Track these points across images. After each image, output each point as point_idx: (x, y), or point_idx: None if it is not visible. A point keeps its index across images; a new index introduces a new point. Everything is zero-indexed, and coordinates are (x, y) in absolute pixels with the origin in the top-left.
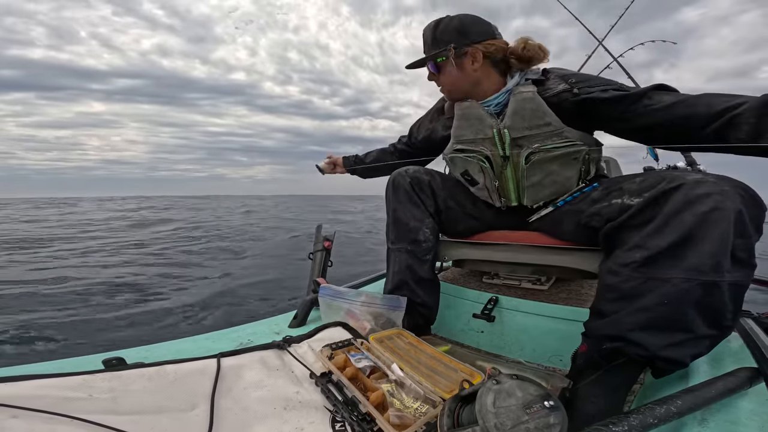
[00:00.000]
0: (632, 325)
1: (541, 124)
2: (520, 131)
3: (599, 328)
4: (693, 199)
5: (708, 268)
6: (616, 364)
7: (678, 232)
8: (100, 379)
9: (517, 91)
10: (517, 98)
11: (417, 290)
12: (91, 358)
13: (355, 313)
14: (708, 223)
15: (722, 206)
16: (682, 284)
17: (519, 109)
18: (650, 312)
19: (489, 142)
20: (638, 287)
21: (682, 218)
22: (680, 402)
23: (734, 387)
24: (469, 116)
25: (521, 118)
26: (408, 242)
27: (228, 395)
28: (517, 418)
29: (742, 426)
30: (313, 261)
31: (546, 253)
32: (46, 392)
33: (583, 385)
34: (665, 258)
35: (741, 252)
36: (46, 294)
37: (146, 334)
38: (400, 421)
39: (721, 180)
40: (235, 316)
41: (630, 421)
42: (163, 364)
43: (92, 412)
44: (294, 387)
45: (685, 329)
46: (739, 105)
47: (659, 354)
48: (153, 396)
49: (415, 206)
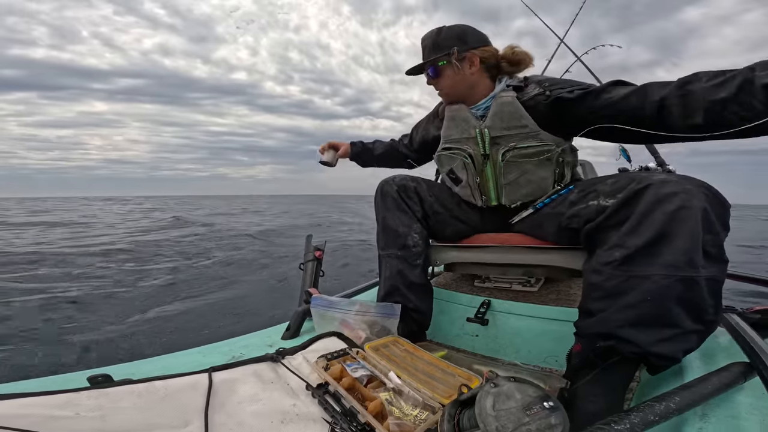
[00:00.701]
0: (621, 322)
1: (518, 126)
2: (499, 131)
3: (589, 327)
4: (662, 198)
5: (683, 264)
6: (612, 362)
7: (652, 230)
8: (86, 396)
9: (498, 96)
10: (497, 102)
11: (409, 295)
12: (75, 375)
13: (350, 322)
14: (677, 220)
15: (688, 204)
16: (662, 281)
17: (498, 112)
18: (636, 309)
19: (472, 142)
20: (621, 285)
21: (653, 217)
22: (678, 398)
23: (729, 382)
24: (456, 118)
25: (500, 119)
26: (398, 248)
27: (222, 410)
28: (518, 420)
29: (744, 420)
30: (305, 271)
31: (533, 252)
32: (30, 411)
33: (581, 384)
34: (643, 256)
35: (711, 248)
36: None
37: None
38: (400, 429)
39: (684, 179)
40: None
41: (631, 419)
42: (152, 380)
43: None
44: (290, 399)
45: (671, 324)
46: (667, 88)
47: (651, 350)
48: (143, 413)
49: (403, 213)
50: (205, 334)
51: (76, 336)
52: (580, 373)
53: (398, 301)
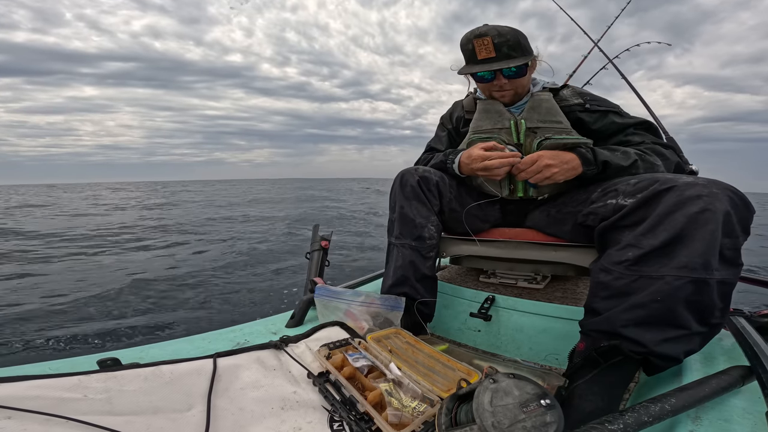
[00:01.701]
0: (626, 321)
1: (554, 121)
2: (535, 122)
3: (594, 325)
4: (684, 201)
5: (698, 266)
6: (614, 362)
7: (670, 231)
8: (95, 379)
9: (536, 94)
10: (535, 99)
11: (418, 287)
12: (85, 359)
13: (354, 312)
14: (698, 223)
15: (712, 207)
16: (674, 281)
17: (536, 106)
18: (644, 309)
19: (505, 132)
20: (631, 284)
21: (673, 218)
22: (674, 400)
23: (727, 385)
24: (489, 110)
25: (537, 113)
26: (413, 238)
27: (224, 395)
28: (514, 417)
29: (736, 424)
30: (310, 260)
31: (543, 249)
32: (40, 393)
33: (580, 383)
34: (657, 256)
35: (728, 251)
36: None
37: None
38: (398, 420)
39: (711, 183)
40: (234, 314)
41: (625, 419)
42: (158, 365)
43: (87, 413)
44: (291, 387)
45: (678, 325)
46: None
47: (655, 350)
48: (149, 396)
49: (422, 204)
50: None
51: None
52: (581, 371)
53: (407, 292)
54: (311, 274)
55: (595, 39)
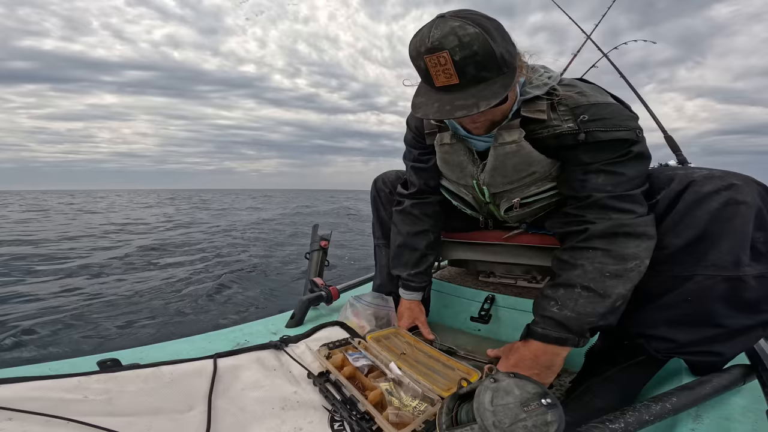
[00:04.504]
0: (656, 321)
1: (525, 176)
2: (500, 187)
3: (620, 326)
4: (704, 196)
5: (728, 264)
6: (635, 361)
7: (693, 230)
8: (95, 380)
9: (498, 141)
10: (498, 152)
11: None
12: (85, 360)
13: (359, 312)
14: (721, 219)
15: (735, 201)
16: (704, 281)
17: (499, 166)
18: (675, 309)
19: (471, 188)
20: (660, 286)
21: (695, 216)
22: (675, 399)
23: (728, 384)
24: (449, 162)
25: (502, 174)
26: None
27: (225, 396)
28: (514, 416)
29: (736, 422)
30: (310, 261)
31: (542, 253)
32: (41, 394)
33: (595, 380)
34: (684, 255)
35: (762, 245)
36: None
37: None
38: (399, 420)
39: (729, 175)
40: (230, 316)
41: (626, 418)
42: (158, 365)
43: (88, 414)
44: (292, 387)
45: (714, 324)
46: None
47: (691, 349)
48: (149, 397)
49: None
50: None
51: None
52: (597, 368)
53: (392, 290)
54: (311, 274)
55: (599, 42)
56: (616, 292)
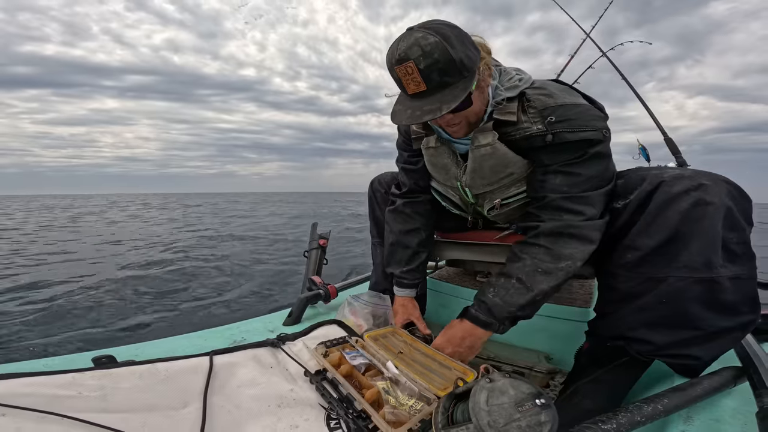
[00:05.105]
0: (635, 323)
1: (503, 177)
2: (480, 188)
3: (601, 327)
4: (674, 197)
5: (699, 265)
6: (619, 363)
7: (664, 231)
8: (89, 377)
9: (474, 143)
10: (475, 154)
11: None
12: (80, 356)
13: (357, 311)
14: (691, 220)
15: (704, 201)
16: (677, 283)
17: (477, 168)
18: (652, 311)
19: (456, 189)
20: (636, 287)
21: (665, 216)
22: (667, 400)
23: (719, 386)
24: (435, 164)
25: (480, 176)
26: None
27: (221, 393)
28: (509, 416)
29: (726, 424)
30: (309, 259)
31: None
32: (35, 390)
33: (583, 382)
34: (657, 257)
35: (736, 246)
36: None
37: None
38: (395, 418)
39: (699, 174)
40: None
41: (618, 419)
42: (154, 362)
43: (82, 411)
44: (288, 385)
45: (691, 326)
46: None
47: (669, 351)
48: (144, 394)
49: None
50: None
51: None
52: (586, 371)
53: (388, 288)
54: (309, 272)
55: (597, 41)
56: (540, 288)
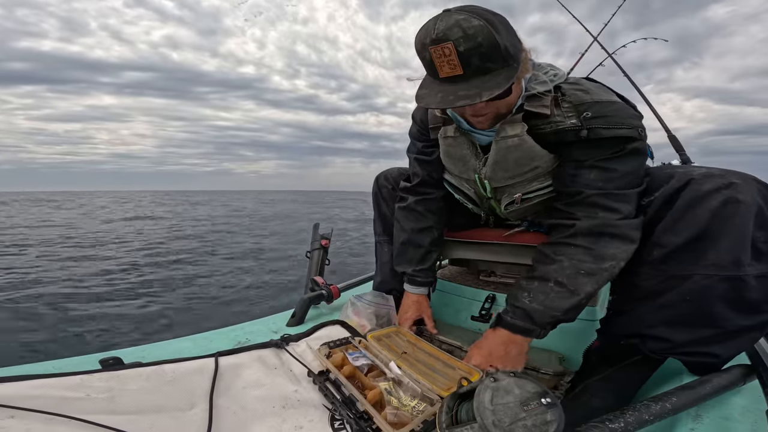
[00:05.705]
0: (655, 321)
1: (527, 170)
2: (501, 181)
3: (616, 325)
4: (704, 194)
5: (727, 263)
6: (631, 361)
7: (693, 228)
8: (97, 378)
9: (501, 134)
10: (500, 146)
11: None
12: (88, 358)
13: (360, 311)
14: (721, 218)
15: (735, 199)
16: (702, 280)
17: (501, 160)
18: (673, 308)
19: (473, 182)
20: (658, 285)
21: (694, 214)
22: (675, 399)
23: (728, 384)
24: (452, 155)
25: (503, 168)
26: (391, 234)
27: (226, 394)
28: (514, 416)
29: (736, 422)
30: (311, 259)
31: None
32: (43, 392)
33: (593, 380)
34: (683, 254)
35: (763, 244)
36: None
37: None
38: (398, 419)
39: (728, 173)
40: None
41: (626, 417)
42: (160, 364)
43: (90, 412)
44: (292, 385)
45: (712, 325)
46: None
47: (687, 349)
48: (151, 395)
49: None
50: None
51: None
52: (595, 369)
53: (394, 287)
54: (312, 272)
55: (600, 40)
56: (586, 290)
